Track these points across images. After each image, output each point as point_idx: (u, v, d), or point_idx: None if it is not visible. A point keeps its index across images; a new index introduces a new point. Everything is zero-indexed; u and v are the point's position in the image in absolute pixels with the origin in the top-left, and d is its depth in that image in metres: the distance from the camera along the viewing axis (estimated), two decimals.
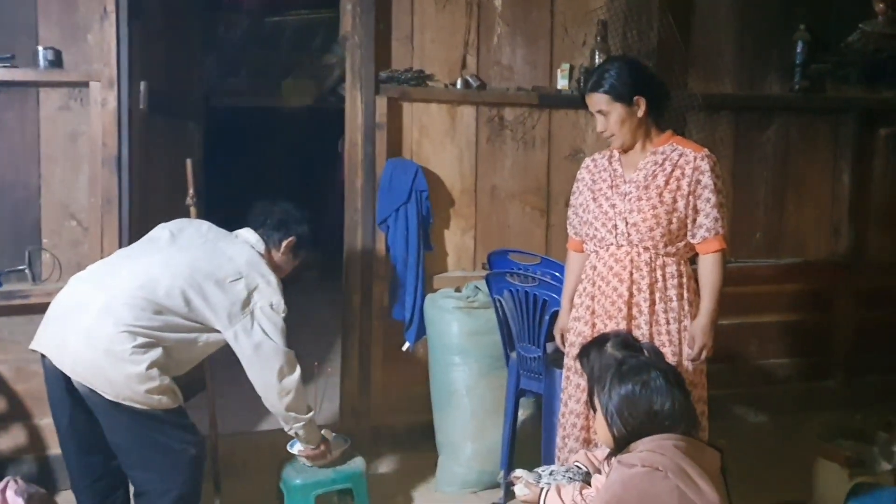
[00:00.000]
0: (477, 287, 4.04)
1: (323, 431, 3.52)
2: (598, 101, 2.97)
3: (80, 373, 2.67)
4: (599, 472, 2.54)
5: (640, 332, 2.91)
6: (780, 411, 4.90)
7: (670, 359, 2.88)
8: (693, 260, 3.04)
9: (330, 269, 6.23)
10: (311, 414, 3.15)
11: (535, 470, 2.60)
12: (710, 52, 4.75)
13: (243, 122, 8.96)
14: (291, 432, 3.18)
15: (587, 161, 3.22)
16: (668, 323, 2.94)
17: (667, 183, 2.92)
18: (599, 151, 3.21)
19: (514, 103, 4.40)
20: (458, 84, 4.30)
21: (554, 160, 4.50)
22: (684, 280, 2.98)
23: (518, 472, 2.60)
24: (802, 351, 5.07)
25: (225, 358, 3.03)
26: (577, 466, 2.62)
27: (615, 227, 2.97)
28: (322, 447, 3.32)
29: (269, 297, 2.94)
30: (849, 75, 4.85)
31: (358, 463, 3.50)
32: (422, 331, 4.16)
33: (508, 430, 3.80)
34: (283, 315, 2.98)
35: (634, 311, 2.94)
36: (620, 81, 2.93)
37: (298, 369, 3.03)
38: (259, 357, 2.92)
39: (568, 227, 3.27)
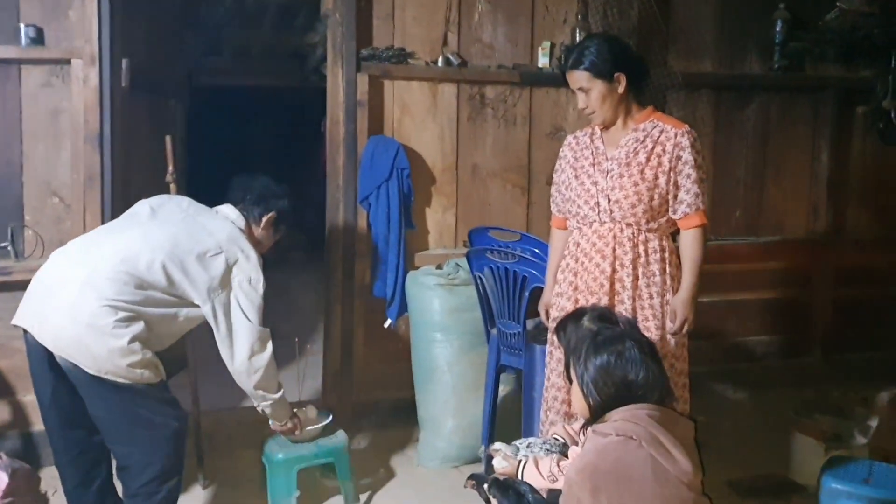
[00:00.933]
0: (458, 264, 4.06)
1: (306, 407, 3.57)
2: (578, 78, 2.97)
3: (63, 347, 2.67)
4: (577, 443, 2.57)
5: (624, 307, 2.94)
6: (759, 388, 4.96)
7: (654, 332, 2.93)
8: (674, 235, 3.07)
9: (314, 248, 6.24)
10: (280, 393, 3.16)
11: (513, 443, 2.63)
12: (691, 30, 4.76)
13: (227, 100, 8.95)
14: (260, 409, 3.20)
15: (569, 139, 3.23)
16: (650, 297, 2.98)
17: (648, 159, 2.94)
18: (581, 129, 3.23)
19: (495, 81, 4.41)
20: (440, 62, 4.31)
21: (535, 138, 4.52)
22: (666, 255, 3.01)
23: (496, 445, 2.62)
24: (781, 328, 5.13)
25: (209, 335, 3.04)
26: (554, 438, 2.65)
27: (598, 204, 2.99)
28: (290, 424, 3.34)
29: (249, 272, 2.95)
30: (827, 54, 4.88)
31: (340, 438, 3.53)
32: (403, 308, 4.19)
33: (489, 406, 3.84)
34: (262, 291, 2.99)
35: (618, 286, 2.97)
36: (601, 58, 2.94)
37: (270, 348, 3.02)
38: (232, 333, 2.94)
39: (551, 204, 3.29)
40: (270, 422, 3.31)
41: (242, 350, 2.96)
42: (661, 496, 2.03)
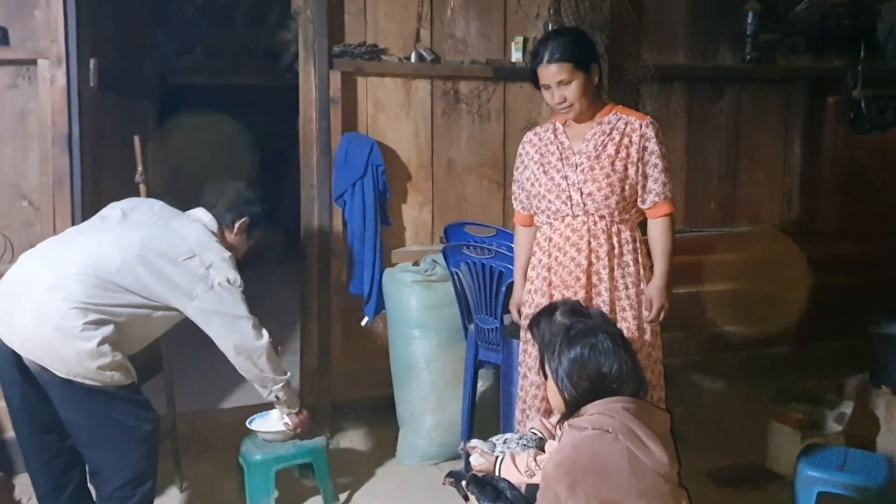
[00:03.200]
0: (435, 261, 4.06)
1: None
2: (559, 70, 2.89)
3: (31, 350, 2.64)
4: (554, 437, 2.57)
5: (601, 300, 2.94)
6: (734, 377, 4.99)
7: (631, 322, 2.94)
8: (642, 227, 3.08)
9: (291, 246, 6.20)
10: (288, 375, 3.15)
11: (490, 439, 2.63)
12: (663, 23, 4.78)
13: (202, 99, 8.88)
14: (271, 397, 3.16)
15: (529, 136, 3.18)
16: (626, 288, 2.98)
17: (617, 151, 2.94)
18: (540, 125, 3.20)
19: (468, 77, 4.41)
20: (413, 58, 4.29)
21: (510, 133, 4.52)
22: (638, 245, 3.03)
23: (473, 442, 2.62)
24: (756, 318, 5.15)
25: (185, 335, 3.01)
26: (532, 433, 2.65)
27: (569, 197, 2.98)
28: (303, 413, 3.33)
29: (225, 272, 2.92)
30: (798, 44, 4.92)
31: (318, 438, 3.51)
32: (381, 305, 4.17)
33: (468, 402, 3.83)
34: (241, 288, 2.96)
35: (594, 279, 2.97)
36: (579, 49, 2.91)
37: (266, 333, 3.02)
38: (227, 328, 2.91)
39: (514, 202, 3.25)
40: (255, 423, 3.29)
41: (244, 339, 2.94)
42: (637, 489, 2.02)
